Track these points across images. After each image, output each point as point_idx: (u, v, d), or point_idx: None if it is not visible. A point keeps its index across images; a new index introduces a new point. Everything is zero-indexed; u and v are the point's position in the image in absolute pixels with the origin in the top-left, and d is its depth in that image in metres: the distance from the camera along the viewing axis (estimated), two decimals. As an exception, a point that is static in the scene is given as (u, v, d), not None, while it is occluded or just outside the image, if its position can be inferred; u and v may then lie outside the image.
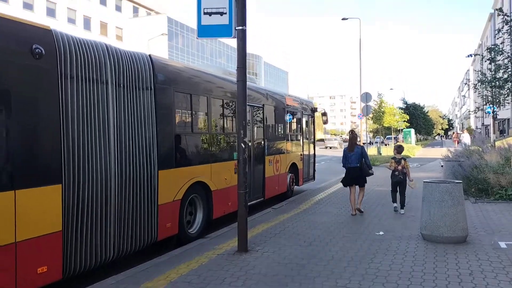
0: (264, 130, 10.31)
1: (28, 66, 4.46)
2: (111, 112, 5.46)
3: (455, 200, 6.25)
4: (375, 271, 5.04)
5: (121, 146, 5.59)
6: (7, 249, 4.08)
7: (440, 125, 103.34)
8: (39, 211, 4.44)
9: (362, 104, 26.47)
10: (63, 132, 4.75)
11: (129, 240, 5.70)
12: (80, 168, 4.91)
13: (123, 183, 5.59)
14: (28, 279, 4.30)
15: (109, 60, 5.52)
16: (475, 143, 18.78)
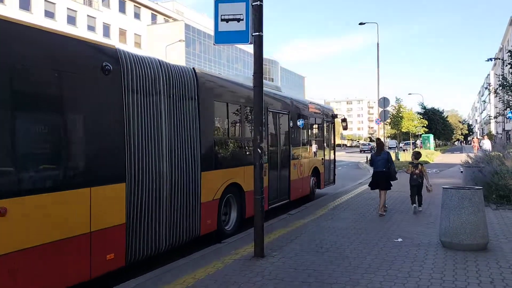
0: (289, 136, 10.95)
1: (99, 80, 5.14)
2: (164, 120, 6.19)
3: (475, 206, 6.14)
4: (393, 278, 4.98)
5: (171, 150, 6.31)
6: (84, 237, 4.80)
7: (460, 130, 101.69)
8: (108, 205, 5.18)
9: (380, 109, 26.24)
10: (126, 138, 5.45)
11: (178, 234, 6.43)
12: (139, 169, 5.63)
13: (173, 183, 6.31)
14: (99, 264, 5.02)
15: (162, 74, 6.28)
16: (496, 149, 18.42)
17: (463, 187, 6.71)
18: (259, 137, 6.17)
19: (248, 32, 6.16)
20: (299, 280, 5.00)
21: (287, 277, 5.10)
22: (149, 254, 5.85)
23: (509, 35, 64.31)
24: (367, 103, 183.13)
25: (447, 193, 6.36)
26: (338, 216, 9.25)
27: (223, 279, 5.10)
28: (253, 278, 5.08)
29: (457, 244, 6.14)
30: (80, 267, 4.77)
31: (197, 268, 5.54)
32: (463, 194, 6.19)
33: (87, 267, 4.83)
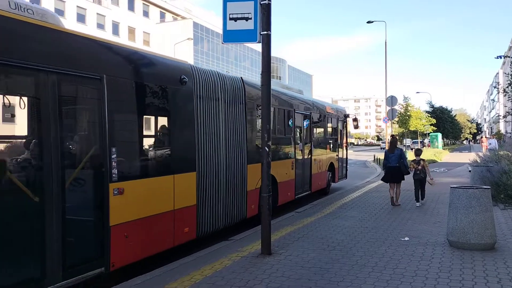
0: (310, 135, 12.32)
1: (178, 90, 6.54)
2: (221, 121, 7.60)
3: (483, 206, 6.13)
4: (400, 277, 4.99)
5: (227, 146, 7.74)
6: (170, 214, 6.19)
7: (468, 129, 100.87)
8: (185, 189, 6.56)
9: (388, 107, 26.13)
10: (196, 136, 6.83)
11: (231, 215, 7.85)
12: (205, 161, 7.05)
13: (228, 173, 7.74)
14: (179, 235, 6.43)
15: (219, 83, 7.69)
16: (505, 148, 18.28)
17: (471, 187, 6.70)
18: (266, 135, 6.19)
19: (257, 31, 6.19)
20: (305, 277, 5.03)
21: (294, 275, 5.13)
22: (211, 231, 7.25)
23: (519, 33, 63.63)
24: (374, 102, 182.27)
25: (455, 192, 6.35)
26: (345, 215, 9.26)
27: (230, 275, 5.14)
28: (260, 275, 5.12)
29: (465, 244, 6.14)
30: (168, 236, 6.16)
31: (204, 265, 5.59)
32: (471, 194, 6.18)
33: (171, 236, 6.24)
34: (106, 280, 5.14)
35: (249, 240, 6.95)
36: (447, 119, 65.75)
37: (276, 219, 8.50)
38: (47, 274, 4.37)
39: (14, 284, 4.11)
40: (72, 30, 5.15)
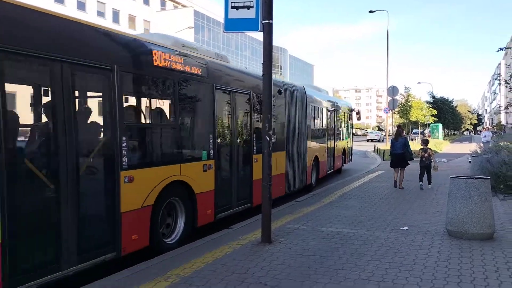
0: (334, 127, 15.77)
1: (278, 98, 10.09)
2: (297, 119, 11.30)
3: (482, 196, 6.17)
4: (399, 265, 5.04)
5: (301, 134, 11.55)
6: (277, 177, 9.53)
7: (469, 120, 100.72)
8: (280, 162, 9.91)
9: (389, 98, 26.09)
10: (286, 128, 10.56)
11: (298, 183, 11.36)
12: (289, 145, 10.70)
13: (297, 153, 11.27)
14: (280, 191, 10.10)
15: (295, 91, 11.31)
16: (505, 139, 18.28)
17: (470, 177, 6.73)
18: (267, 124, 6.19)
19: (258, 19, 6.16)
20: (305, 265, 5.09)
21: (294, 263, 5.19)
22: (289, 191, 10.71)
23: (522, 23, 63.18)
24: (375, 92, 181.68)
25: (454, 182, 6.39)
26: (345, 204, 9.31)
27: (231, 263, 5.20)
28: (260, 263, 5.18)
29: (463, 233, 6.19)
30: (281, 189, 10.16)
31: (206, 253, 5.65)
32: (471, 184, 6.22)
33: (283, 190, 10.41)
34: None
35: (249, 228, 7.01)
36: (448, 109, 65.59)
37: (276, 208, 8.55)
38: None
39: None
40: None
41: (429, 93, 62.41)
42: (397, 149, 11.86)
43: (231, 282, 4.55)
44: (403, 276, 4.69)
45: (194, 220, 6.86)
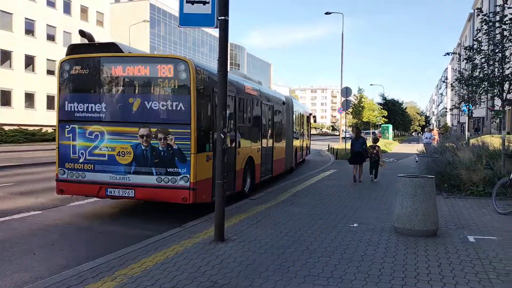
0: (299, 126, 19.64)
1: (284, 107, 15.45)
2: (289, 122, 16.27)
3: (427, 194, 6.43)
4: (348, 261, 5.16)
5: (291, 132, 16.56)
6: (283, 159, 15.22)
7: (418, 122, 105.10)
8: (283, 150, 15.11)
9: (343, 98, 26.70)
10: (288, 128, 16.03)
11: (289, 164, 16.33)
12: (289, 137, 16.04)
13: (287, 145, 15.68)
14: (282, 168, 15.21)
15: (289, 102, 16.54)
16: (450, 140, 19.21)
17: (417, 176, 6.99)
18: (222, 122, 6.15)
19: (214, 15, 6.09)
20: (257, 263, 5.10)
21: (246, 261, 5.18)
22: (287, 169, 15.90)
23: (467, 31, 66.60)
24: (330, 92, 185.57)
25: (401, 181, 6.62)
26: (298, 202, 9.43)
27: (182, 262, 5.12)
28: (212, 262, 5.14)
29: (409, 230, 6.43)
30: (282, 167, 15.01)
31: (156, 252, 5.53)
32: (417, 183, 6.46)
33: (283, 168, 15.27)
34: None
35: (202, 227, 6.95)
36: (398, 111, 68.16)
37: (230, 206, 8.53)
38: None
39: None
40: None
41: (380, 95, 64.57)
42: (357, 148, 13.38)
43: (181, 281, 4.48)
44: (351, 272, 4.80)
45: (253, 179, 11.27)
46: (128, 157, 7.79)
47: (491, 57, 11.45)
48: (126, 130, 7.85)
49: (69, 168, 8.10)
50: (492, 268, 4.96)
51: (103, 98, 8.01)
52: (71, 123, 8.08)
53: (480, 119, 55.88)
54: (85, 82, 8.07)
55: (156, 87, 7.79)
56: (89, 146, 8.01)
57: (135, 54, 8.56)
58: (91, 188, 8.02)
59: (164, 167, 7.63)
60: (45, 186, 12.42)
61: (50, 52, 44.57)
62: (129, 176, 7.77)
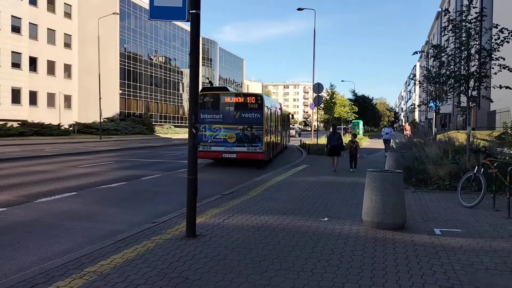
0: (284, 123, 27.76)
1: (280, 111, 25.48)
2: (279, 121, 24.36)
3: (396, 188, 6.58)
4: (318, 255, 5.23)
5: (281, 128, 25.45)
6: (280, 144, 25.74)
7: (387, 118, 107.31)
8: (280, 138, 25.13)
9: (314, 94, 26.95)
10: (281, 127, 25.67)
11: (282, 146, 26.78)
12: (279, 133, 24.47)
13: (279, 137, 24.03)
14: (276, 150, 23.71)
15: (278, 106, 25.32)
16: (418, 136, 19.69)
17: (386, 170, 7.14)
18: (194, 116, 6.10)
19: (185, 8, 6.01)
20: (228, 258, 5.10)
21: (217, 256, 5.17)
22: (280, 150, 25.12)
23: (435, 29, 68.30)
24: (303, 88, 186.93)
25: (370, 175, 6.75)
26: (270, 197, 9.48)
27: (153, 258, 5.06)
28: (183, 257, 5.10)
29: (378, 223, 6.56)
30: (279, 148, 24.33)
31: (127, 248, 5.46)
32: (385, 177, 6.60)
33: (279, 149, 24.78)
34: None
35: (173, 222, 6.89)
36: (368, 107, 69.32)
37: (202, 202, 8.49)
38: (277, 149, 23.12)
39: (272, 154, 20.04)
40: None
41: (351, 91, 65.47)
42: (334, 141, 15.46)
43: (152, 277, 4.44)
44: (322, 265, 4.87)
45: (276, 151, 21.63)
46: (233, 139, 17.08)
47: (457, 55, 11.79)
48: (232, 126, 17.18)
49: (202, 145, 16.91)
50: (457, 260, 5.13)
51: (220, 112, 17.41)
52: (204, 124, 17.02)
53: (447, 115, 57.52)
54: (211, 104, 17.45)
55: (246, 107, 17.26)
56: (213, 134, 17.19)
57: (235, 92, 19.37)
58: (215, 154, 17.29)
59: (250, 143, 16.99)
60: (11, 182, 12.04)
61: (16, 44, 43.06)
62: (233, 148, 17.03)
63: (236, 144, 17.00)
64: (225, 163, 18.20)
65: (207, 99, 17.34)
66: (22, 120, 42.15)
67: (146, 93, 68.87)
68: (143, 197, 10.03)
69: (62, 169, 15.85)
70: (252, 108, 17.19)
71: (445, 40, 14.83)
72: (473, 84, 11.55)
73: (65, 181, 12.48)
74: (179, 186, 11.20)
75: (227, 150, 17.03)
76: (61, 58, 50.53)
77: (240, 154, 16.94)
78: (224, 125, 17.20)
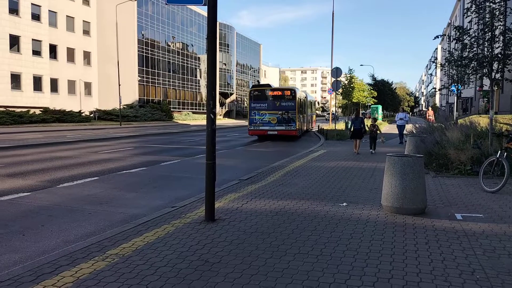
0: (310, 108, 35.06)
1: (307, 99, 32.45)
2: (308, 107, 32.36)
3: (416, 173, 6.49)
4: (337, 240, 5.22)
5: (310, 113, 34.71)
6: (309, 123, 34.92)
7: (407, 102, 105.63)
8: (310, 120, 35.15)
9: (333, 79, 26.63)
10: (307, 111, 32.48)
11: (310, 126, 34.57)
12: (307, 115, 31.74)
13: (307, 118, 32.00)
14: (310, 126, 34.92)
15: (306, 96, 32.80)
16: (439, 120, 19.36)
17: (406, 155, 7.05)
18: (212, 102, 6.10)
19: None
20: (247, 242, 5.13)
21: (236, 240, 5.21)
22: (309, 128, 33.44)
23: (457, 11, 66.47)
24: (320, 73, 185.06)
25: (390, 160, 6.67)
26: (288, 182, 9.48)
27: (173, 241, 5.14)
28: (203, 241, 5.16)
29: (398, 208, 6.51)
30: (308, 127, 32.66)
31: (147, 232, 5.54)
32: (405, 162, 6.51)
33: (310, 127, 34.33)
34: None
35: (192, 207, 6.96)
36: (388, 92, 68.31)
37: (220, 187, 8.55)
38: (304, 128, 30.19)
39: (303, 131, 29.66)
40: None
41: (370, 75, 64.46)
42: (357, 126, 16.65)
43: (172, 260, 4.50)
44: (340, 249, 4.86)
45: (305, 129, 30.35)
46: (275, 121, 24.36)
47: (481, 36, 11.46)
48: (274, 112, 24.44)
49: (253, 125, 24.60)
50: (479, 245, 5.05)
51: (265, 102, 24.70)
52: (253, 111, 24.55)
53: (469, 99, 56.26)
54: (259, 97, 24.77)
55: (284, 98, 24.62)
56: (260, 118, 24.54)
57: (276, 87, 26.14)
58: (262, 132, 24.55)
59: (287, 124, 24.29)
60: (34, 168, 12.32)
61: (36, 32, 43.62)
62: (275, 127, 24.28)
63: (277, 125, 24.35)
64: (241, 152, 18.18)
65: (256, 93, 24.80)
66: (44, 107, 42.93)
67: (164, 80, 69.20)
68: (162, 182, 10.16)
69: (84, 154, 16.14)
70: (287, 98, 24.52)
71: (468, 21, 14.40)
72: (496, 66, 11.24)
73: (86, 167, 12.71)
74: (197, 172, 11.31)
75: (270, 129, 24.38)
76: (80, 45, 51.04)
77: (280, 131, 24.36)
78: (268, 111, 24.71)
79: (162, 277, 4.04)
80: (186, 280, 3.96)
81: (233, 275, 4.10)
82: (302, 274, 4.11)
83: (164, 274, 4.11)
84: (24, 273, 4.14)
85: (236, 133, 34.27)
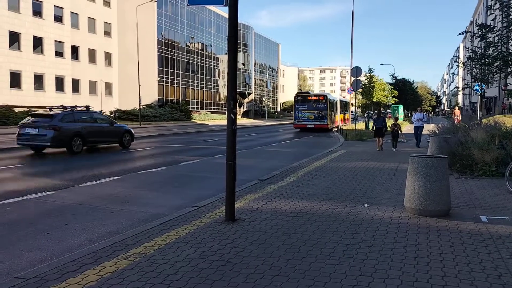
0: (342, 108, 44.58)
1: (338, 101, 43.39)
2: (339, 108, 42.70)
3: (440, 174, 6.36)
4: (359, 241, 5.16)
5: (340, 112, 43.02)
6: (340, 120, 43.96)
7: (428, 102, 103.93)
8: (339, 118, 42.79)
9: (352, 78, 26.39)
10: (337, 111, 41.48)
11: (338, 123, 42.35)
12: (337, 113, 40.96)
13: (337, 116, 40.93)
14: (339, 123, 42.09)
15: (338, 100, 43.97)
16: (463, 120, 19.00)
17: (429, 156, 6.92)
18: (232, 102, 6.10)
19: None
20: (268, 242, 5.11)
21: (257, 240, 5.20)
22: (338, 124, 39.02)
23: (480, 8, 65.11)
24: (340, 73, 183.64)
25: (413, 161, 6.55)
26: (308, 183, 9.42)
27: (195, 241, 5.15)
28: (224, 241, 5.17)
29: (421, 210, 6.39)
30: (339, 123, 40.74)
31: (169, 231, 5.58)
32: (429, 163, 6.40)
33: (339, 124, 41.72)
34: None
35: (213, 207, 6.98)
36: (409, 91, 67.36)
37: (240, 187, 8.55)
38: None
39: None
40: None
41: (391, 75, 63.66)
42: (379, 124, 18.07)
43: (193, 260, 4.52)
44: (363, 251, 4.80)
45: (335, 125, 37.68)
46: (312, 117, 35.11)
47: (505, 34, 11.19)
48: (312, 111, 35.16)
49: (296, 120, 35.83)
50: (505, 248, 4.93)
51: (305, 104, 35.47)
52: (297, 110, 35.54)
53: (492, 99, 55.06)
54: (301, 100, 35.88)
55: (319, 101, 35.34)
56: (302, 116, 35.47)
57: (313, 93, 39.29)
58: (303, 125, 35.20)
59: (321, 120, 34.93)
60: (58, 167, 12.56)
61: (58, 33, 44.47)
62: (312, 122, 35.02)
63: (314, 120, 34.67)
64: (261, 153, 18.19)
65: (299, 97, 36.06)
66: (66, 107, 43.70)
67: (183, 80, 69.70)
68: (182, 182, 10.22)
69: (105, 154, 16.37)
70: (321, 102, 34.84)
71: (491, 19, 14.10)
72: (523, 65, 10.96)
73: (108, 166, 12.89)
74: (216, 171, 11.35)
75: (309, 123, 34.65)
76: (101, 46, 51.82)
77: (316, 125, 34.42)
78: (307, 110, 35.14)
79: (184, 277, 4.05)
80: (207, 280, 3.97)
81: (255, 275, 4.09)
82: (324, 276, 4.07)
83: (186, 274, 4.13)
84: (49, 271, 4.21)
85: (254, 133, 34.31)
